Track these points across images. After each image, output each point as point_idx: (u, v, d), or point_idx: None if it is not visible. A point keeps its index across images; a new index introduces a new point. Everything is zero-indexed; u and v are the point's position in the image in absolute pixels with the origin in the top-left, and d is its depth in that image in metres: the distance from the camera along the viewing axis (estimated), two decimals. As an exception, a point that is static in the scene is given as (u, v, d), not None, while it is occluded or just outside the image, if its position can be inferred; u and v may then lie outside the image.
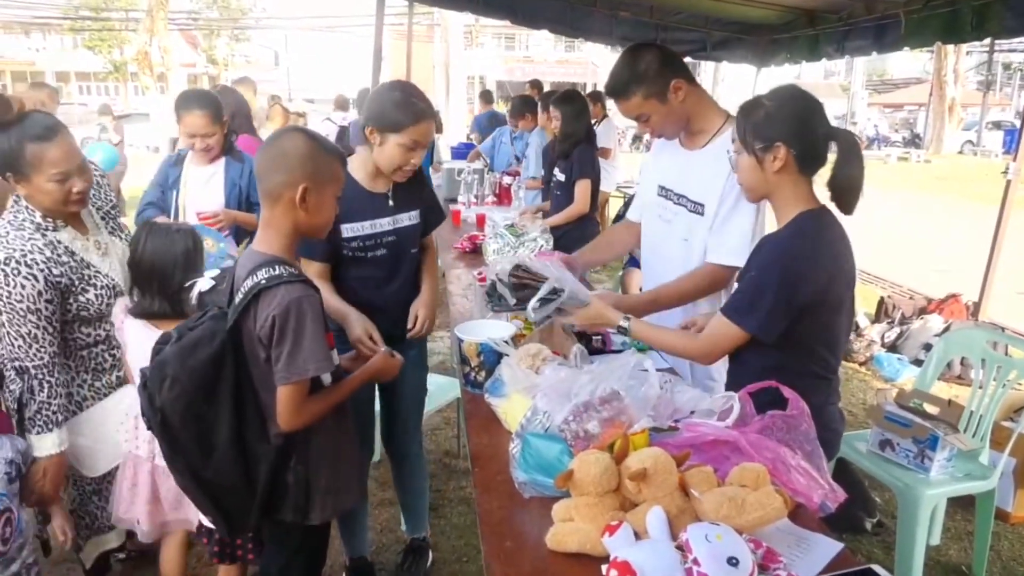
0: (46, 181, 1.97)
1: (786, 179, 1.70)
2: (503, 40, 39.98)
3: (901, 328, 5.27)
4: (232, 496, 1.65)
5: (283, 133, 1.70)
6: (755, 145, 1.68)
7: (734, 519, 1.23)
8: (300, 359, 1.56)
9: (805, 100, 1.71)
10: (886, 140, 28.30)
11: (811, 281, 1.65)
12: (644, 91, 2.05)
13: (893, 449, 2.56)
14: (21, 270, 1.95)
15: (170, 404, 1.54)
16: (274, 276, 1.56)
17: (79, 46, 34.06)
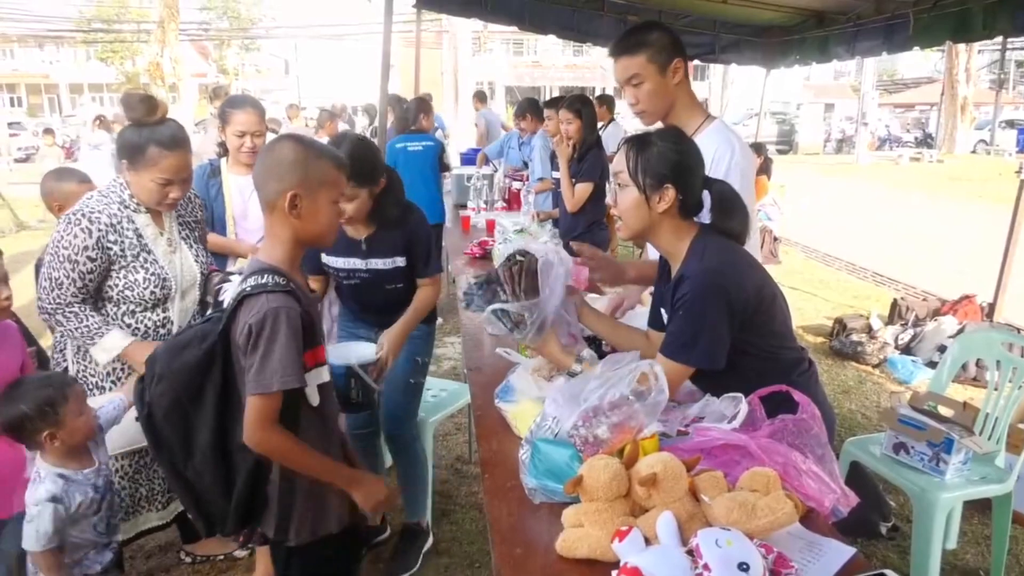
0: (150, 180, 2.18)
1: (667, 221, 1.73)
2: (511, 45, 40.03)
3: (915, 330, 5.22)
4: (210, 497, 1.65)
5: (277, 141, 1.70)
6: (645, 181, 1.69)
7: (744, 524, 1.22)
8: (267, 371, 1.51)
9: (692, 146, 1.77)
10: (898, 140, 28.11)
11: (741, 295, 1.67)
12: (649, 54, 2.09)
13: (908, 452, 2.53)
14: (81, 222, 2.14)
15: (156, 400, 1.58)
16: (259, 284, 1.54)
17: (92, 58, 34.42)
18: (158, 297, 2.28)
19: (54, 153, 12.89)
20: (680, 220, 1.74)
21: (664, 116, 2.20)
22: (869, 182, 17.21)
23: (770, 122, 25.29)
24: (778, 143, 25.68)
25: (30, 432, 1.88)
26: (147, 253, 2.26)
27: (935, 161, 21.70)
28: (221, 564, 2.82)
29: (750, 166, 2.16)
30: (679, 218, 1.73)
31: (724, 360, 1.67)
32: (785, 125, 27.60)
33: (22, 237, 9.54)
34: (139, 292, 2.24)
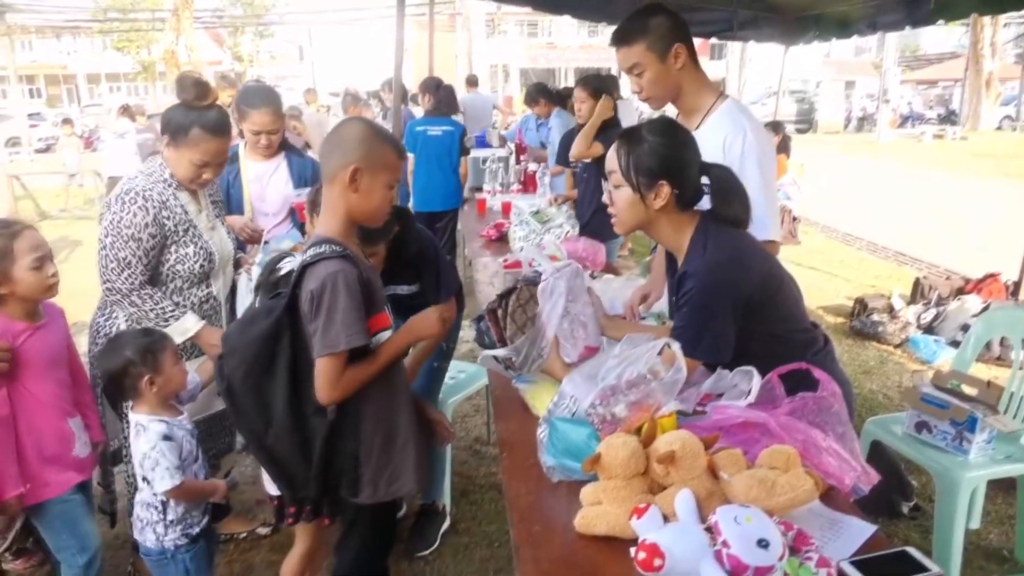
0: (189, 160, 2.26)
1: (665, 217, 1.71)
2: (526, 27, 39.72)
3: (937, 309, 5.15)
4: (292, 465, 1.74)
5: (347, 120, 1.83)
6: (638, 180, 1.66)
7: (764, 501, 1.22)
8: (332, 332, 1.61)
9: (685, 136, 1.74)
10: (920, 118, 27.61)
11: (745, 287, 1.65)
12: (647, 43, 2.06)
13: (930, 431, 2.50)
14: (137, 201, 2.21)
15: (232, 373, 1.69)
16: (318, 253, 1.63)
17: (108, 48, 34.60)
18: (205, 271, 2.37)
19: (73, 143, 13.01)
20: (678, 214, 1.71)
21: (673, 100, 2.18)
22: (891, 160, 16.95)
23: (789, 101, 24.93)
24: (797, 122, 25.32)
25: (134, 377, 1.99)
26: (192, 227, 2.34)
27: (959, 138, 21.32)
28: (244, 543, 2.86)
29: (766, 145, 2.10)
30: (677, 212, 1.70)
31: (729, 354, 1.65)
32: (804, 104, 27.19)
33: (44, 227, 9.66)
34: (189, 266, 2.32)
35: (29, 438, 1.98)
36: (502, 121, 9.96)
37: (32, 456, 1.98)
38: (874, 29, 4.94)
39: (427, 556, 2.79)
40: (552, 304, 1.85)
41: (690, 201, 1.71)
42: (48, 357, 2.03)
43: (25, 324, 1.99)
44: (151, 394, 2.02)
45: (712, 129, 2.06)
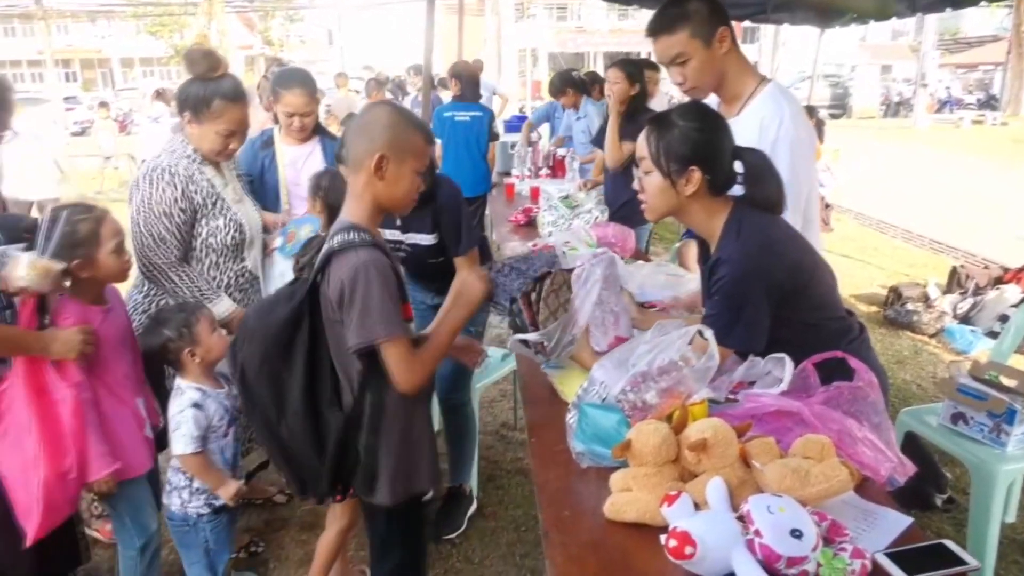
0: (215, 132, 2.28)
1: (696, 203, 1.67)
2: (555, 11, 39.39)
3: (975, 299, 5.04)
4: (304, 458, 1.68)
5: (373, 105, 1.78)
6: (669, 166, 1.63)
7: (797, 491, 1.20)
8: (369, 322, 1.55)
9: (716, 120, 1.69)
10: (959, 103, 26.89)
11: (779, 275, 1.62)
12: (691, 30, 1.97)
13: (966, 423, 2.46)
14: (164, 177, 2.25)
15: (248, 359, 1.64)
16: (346, 241, 1.58)
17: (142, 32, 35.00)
18: (237, 242, 2.40)
19: (108, 126, 13.21)
20: (711, 200, 1.68)
21: (716, 89, 2.10)
22: (927, 146, 16.57)
23: (823, 85, 24.43)
24: (831, 107, 24.84)
25: (175, 352, 2.08)
26: (220, 200, 2.37)
27: (999, 123, 20.74)
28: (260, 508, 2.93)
29: (804, 134, 2.00)
30: (709, 197, 1.67)
31: (763, 343, 1.62)
32: (839, 88, 26.64)
33: (80, 208, 9.84)
34: (222, 239, 2.36)
35: (109, 419, 2.03)
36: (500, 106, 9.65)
37: (112, 437, 2.03)
38: (913, 11, 4.81)
39: (454, 539, 2.81)
40: (586, 291, 1.83)
41: (722, 187, 1.68)
42: (118, 339, 2.09)
43: (98, 308, 2.04)
44: (194, 364, 2.10)
45: (751, 115, 2.00)
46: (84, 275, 1.95)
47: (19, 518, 1.88)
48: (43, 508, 1.85)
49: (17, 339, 1.87)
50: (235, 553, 2.55)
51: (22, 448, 1.86)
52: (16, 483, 1.88)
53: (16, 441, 1.86)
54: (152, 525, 2.18)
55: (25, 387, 1.86)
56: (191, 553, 2.21)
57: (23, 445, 1.86)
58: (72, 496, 1.94)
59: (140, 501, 2.14)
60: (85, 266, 1.94)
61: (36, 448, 1.84)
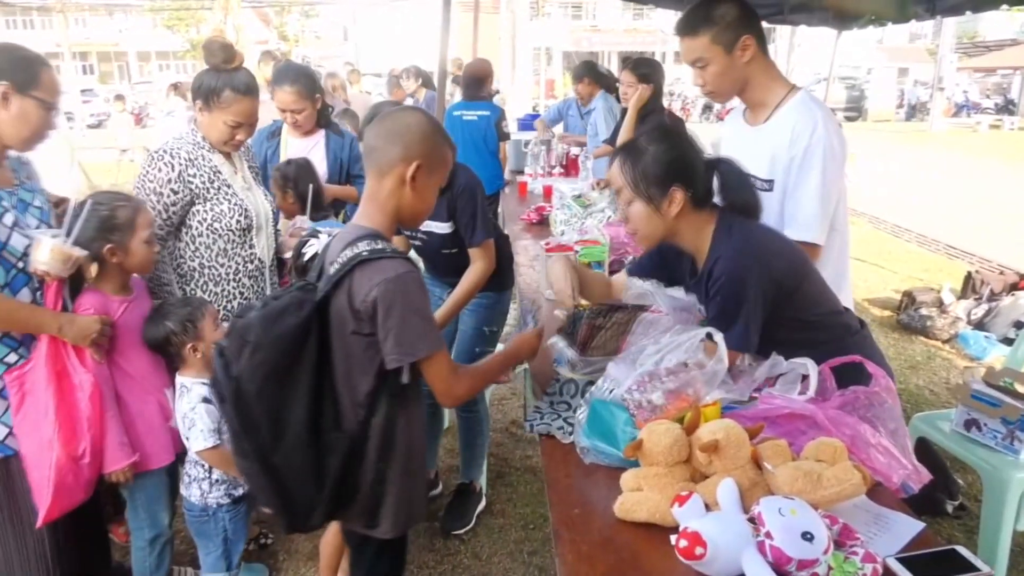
0: (222, 122, 2.32)
1: (683, 221, 1.67)
2: (570, 9, 39.31)
3: (989, 305, 5.00)
4: (299, 487, 1.50)
5: (405, 109, 1.69)
6: (650, 191, 1.63)
7: (809, 494, 1.20)
8: (410, 338, 1.46)
9: (682, 136, 1.71)
10: (976, 107, 26.67)
11: (774, 273, 1.63)
12: (713, 35, 1.96)
13: (980, 429, 2.44)
14: (164, 158, 2.29)
15: (249, 372, 1.43)
16: (376, 250, 1.48)
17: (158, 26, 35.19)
18: (243, 227, 2.41)
19: (124, 119, 13.31)
20: (696, 215, 1.68)
21: (739, 94, 2.09)
22: (944, 150, 16.44)
23: (839, 87, 24.29)
24: (847, 109, 24.72)
25: (177, 346, 2.09)
26: (227, 187, 2.39)
27: (1016, 128, 20.56)
28: None
29: (836, 143, 1.94)
30: (694, 213, 1.68)
31: (756, 344, 1.63)
32: (855, 91, 26.47)
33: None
34: (226, 223, 2.37)
35: (131, 410, 2.07)
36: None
37: (132, 428, 2.06)
38: (933, 13, 4.75)
39: (462, 535, 2.82)
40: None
41: (704, 199, 1.68)
42: (142, 328, 2.12)
43: (121, 298, 2.07)
44: (195, 359, 2.10)
45: (781, 122, 1.98)
46: (114, 260, 2.00)
47: (34, 498, 1.92)
48: (54, 489, 1.89)
49: (33, 316, 1.90)
50: (245, 545, 2.56)
51: (40, 430, 1.89)
52: (33, 463, 1.92)
53: (35, 422, 1.90)
54: (165, 519, 2.21)
55: (47, 369, 1.89)
56: (209, 543, 2.23)
57: (41, 427, 1.89)
58: (85, 481, 1.97)
59: (157, 494, 2.17)
60: (117, 251, 2.00)
61: (52, 430, 1.88)
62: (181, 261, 2.39)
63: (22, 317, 1.89)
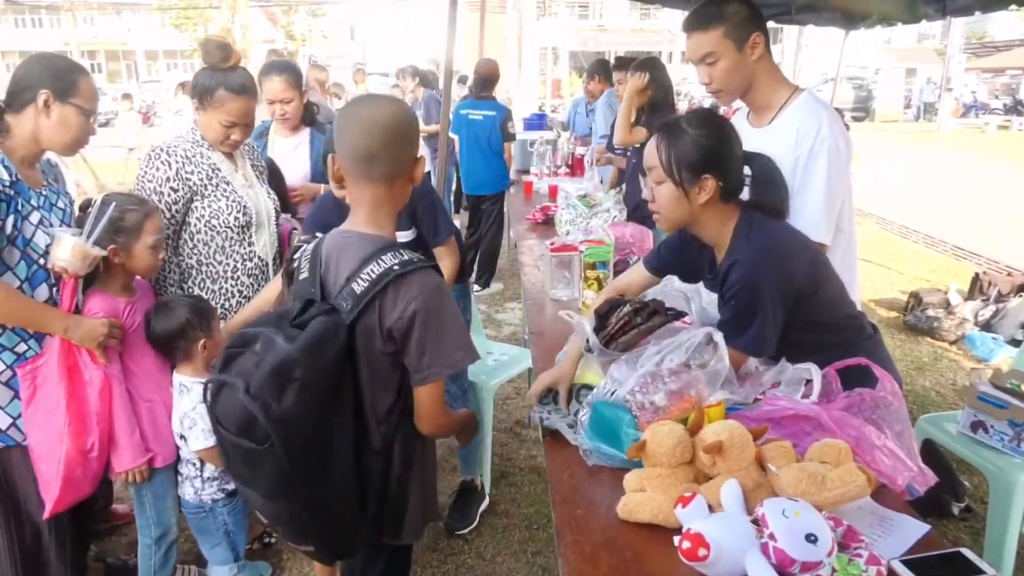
0: (216, 121, 2.33)
1: (710, 210, 1.65)
2: (576, 9, 39.29)
3: (997, 306, 4.97)
4: (343, 516, 1.47)
5: (397, 105, 1.51)
6: (682, 175, 1.61)
7: (813, 496, 1.20)
8: (447, 349, 1.42)
9: (725, 126, 1.67)
10: (985, 107, 26.52)
11: (794, 277, 1.62)
12: (724, 30, 1.95)
13: (986, 431, 2.43)
14: (161, 156, 2.30)
15: (303, 411, 1.32)
16: (407, 262, 1.41)
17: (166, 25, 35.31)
18: (241, 224, 2.41)
19: (132, 118, 13.36)
20: (723, 207, 1.66)
21: (743, 95, 2.08)
22: (951, 151, 16.36)
23: (846, 87, 24.22)
24: (854, 109, 24.61)
25: (189, 340, 2.08)
26: (226, 184, 2.39)
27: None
28: None
29: (841, 143, 1.93)
30: (721, 205, 1.66)
31: (773, 348, 1.62)
32: (862, 91, 26.38)
33: (103, 199, 9.94)
34: (224, 219, 2.37)
35: (137, 409, 2.08)
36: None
37: (139, 427, 2.08)
38: (943, 14, 4.73)
39: (466, 535, 2.82)
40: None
41: (734, 192, 1.67)
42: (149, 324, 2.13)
43: (125, 299, 2.09)
44: (200, 357, 2.11)
45: (785, 123, 1.97)
46: (117, 261, 2.02)
47: (40, 490, 1.95)
48: (63, 483, 1.91)
49: (40, 315, 1.92)
50: (248, 544, 2.57)
51: (50, 423, 1.92)
52: (41, 456, 1.94)
53: (46, 416, 1.92)
54: (171, 518, 2.22)
55: (59, 364, 1.92)
56: (211, 537, 2.24)
57: (52, 420, 1.92)
58: (92, 475, 2.00)
59: (163, 491, 2.18)
60: (120, 252, 2.01)
61: (63, 424, 1.91)
62: (179, 259, 2.40)
63: (29, 315, 1.91)
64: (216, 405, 1.40)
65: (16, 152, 1.91)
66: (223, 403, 1.38)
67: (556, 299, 2.58)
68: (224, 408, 1.37)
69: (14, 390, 1.94)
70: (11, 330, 1.92)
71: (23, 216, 1.89)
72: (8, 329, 1.91)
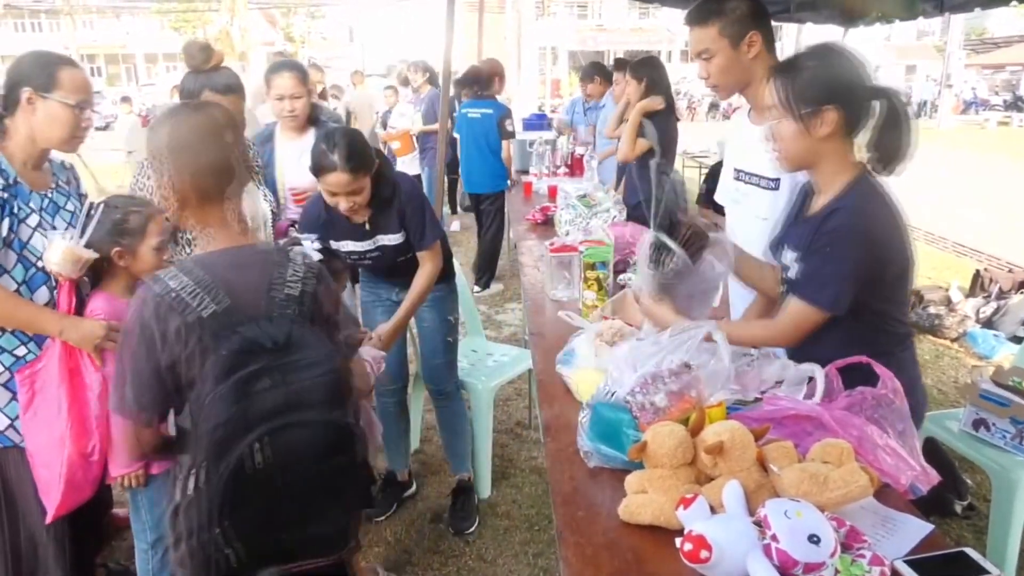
0: None
1: (831, 145, 1.59)
2: (575, 9, 39.27)
3: (998, 303, 4.96)
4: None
5: (220, 109, 1.61)
6: (801, 109, 1.56)
7: (816, 496, 1.19)
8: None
9: (850, 57, 1.60)
10: (985, 103, 26.52)
11: (891, 247, 1.57)
12: (721, 27, 1.96)
13: (988, 429, 2.42)
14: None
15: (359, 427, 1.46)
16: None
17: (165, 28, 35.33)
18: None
19: (131, 121, 13.35)
20: (845, 146, 1.60)
21: (741, 90, 2.09)
22: (952, 147, 16.34)
23: (846, 85, 24.19)
24: (853, 107, 24.58)
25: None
26: None
27: (1025, 125, 20.44)
28: None
29: None
30: (844, 142, 1.59)
31: (845, 307, 1.56)
32: (861, 88, 26.39)
33: (103, 202, 9.94)
34: None
35: None
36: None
37: None
38: (941, 10, 4.73)
39: (467, 536, 2.82)
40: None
41: (857, 127, 1.59)
42: None
43: (127, 301, 2.07)
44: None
45: None
46: (121, 263, 2.00)
47: (40, 494, 1.94)
48: (64, 487, 1.90)
49: (35, 316, 1.91)
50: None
51: (51, 427, 1.91)
52: (40, 461, 1.93)
53: (46, 420, 1.91)
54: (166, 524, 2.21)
55: (59, 368, 1.91)
56: None
57: (52, 424, 1.91)
58: (93, 478, 1.99)
59: (159, 497, 2.16)
60: (125, 255, 1.99)
61: (64, 427, 1.89)
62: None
63: (23, 317, 1.91)
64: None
65: (16, 155, 1.90)
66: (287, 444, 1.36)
67: (556, 300, 2.57)
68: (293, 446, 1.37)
69: (12, 392, 1.93)
70: (11, 333, 1.91)
71: (20, 219, 1.88)
72: (8, 332, 1.91)
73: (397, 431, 2.99)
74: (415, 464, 3.28)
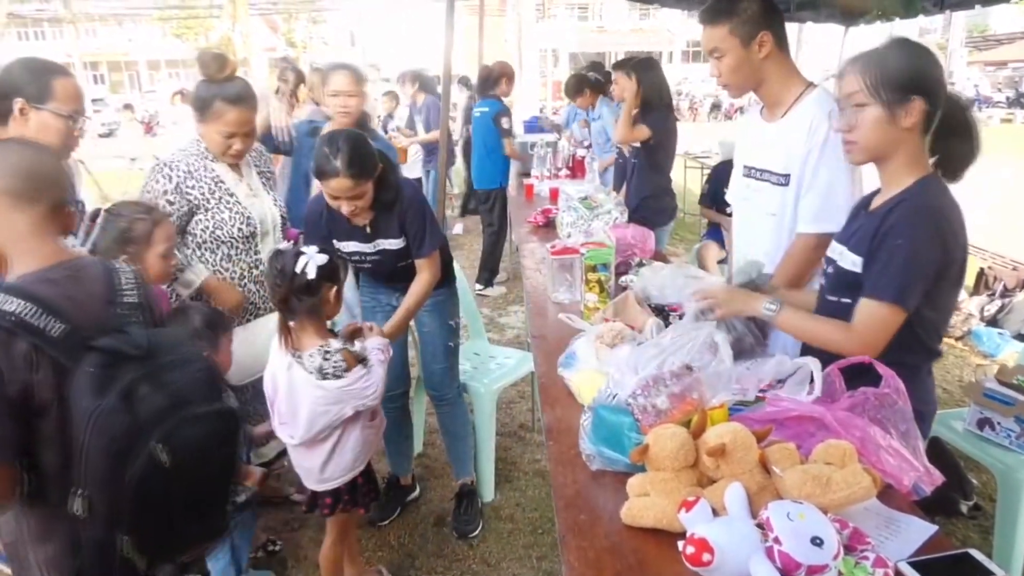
0: (216, 132, 2.35)
1: (912, 138, 1.54)
2: (576, 11, 39.31)
3: (1003, 301, 4.95)
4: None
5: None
6: (888, 96, 1.51)
7: (818, 498, 1.18)
8: None
9: (930, 52, 1.57)
10: (988, 101, 26.42)
11: (957, 246, 1.53)
12: (732, 26, 1.96)
13: (993, 428, 2.41)
14: (163, 171, 2.34)
15: None
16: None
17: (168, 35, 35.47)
18: (246, 234, 2.44)
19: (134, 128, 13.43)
20: (921, 142, 1.55)
21: (754, 89, 2.09)
22: (955, 146, 16.27)
23: (847, 84, 24.15)
24: (856, 106, 24.54)
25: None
26: (229, 196, 2.42)
27: (1028, 122, 20.37)
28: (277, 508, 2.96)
29: None
30: (921, 136, 1.54)
31: (914, 306, 1.50)
32: (864, 87, 26.33)
33: (106, 209, 9.97)
34: (228, 230, 2.41)
35: None
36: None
37: None
38: (942, 8, 4.72)
39: (471, 540, 2.81)
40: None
41: (932, 125, 1.55)
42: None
43: None
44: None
45: (798, 117, 1.98)
46: None
47: None
48: None
49: None
50: (253, 552, 2.56)
51: None
52: None
53: None
54: None
55: None
56: (215, 550, 2.22)
57: None
58: None
59: None
60: (132, 262, 1.97)
61: None
62: None
63: None
64: None
65: None
66: None
67: (558, 302, 2.57)
68: None
69: None
70: None
71: None
72: None
73: (400, 435, 2.98)
74: (418, 468, 3.28)
